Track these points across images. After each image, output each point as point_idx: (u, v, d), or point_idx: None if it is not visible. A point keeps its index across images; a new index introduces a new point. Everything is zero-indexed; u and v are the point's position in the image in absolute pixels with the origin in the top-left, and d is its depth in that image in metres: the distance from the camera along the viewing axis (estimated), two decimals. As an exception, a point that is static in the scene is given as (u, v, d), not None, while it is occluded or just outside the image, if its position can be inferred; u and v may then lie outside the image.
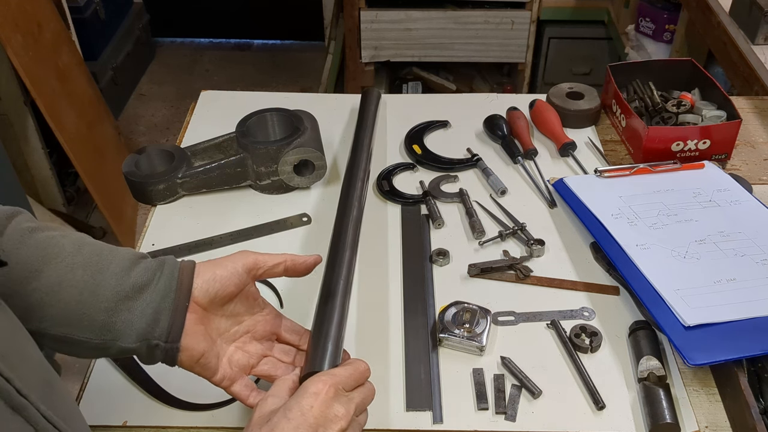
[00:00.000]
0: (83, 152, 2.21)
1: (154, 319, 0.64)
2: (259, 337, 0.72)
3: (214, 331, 0.69)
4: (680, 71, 1.25)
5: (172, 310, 0.64)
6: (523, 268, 0.95)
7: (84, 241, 0.67)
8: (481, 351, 0.84)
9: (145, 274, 0.65)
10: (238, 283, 0.68)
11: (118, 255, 0.66)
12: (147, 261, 0.67)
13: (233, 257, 0.70)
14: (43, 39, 2.13)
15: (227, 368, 0.69)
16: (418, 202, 1.07)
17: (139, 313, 0.63)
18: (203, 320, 0.67)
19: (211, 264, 0.69)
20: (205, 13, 3.55)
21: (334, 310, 0.73)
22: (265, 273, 0.71)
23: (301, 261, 0.72)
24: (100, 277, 0.63)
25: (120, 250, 0.68)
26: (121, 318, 0.63)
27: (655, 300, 0.84)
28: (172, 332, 0.64)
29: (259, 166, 1.06)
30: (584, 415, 0.78)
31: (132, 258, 0.67)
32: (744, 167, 1.15)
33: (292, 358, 0.73)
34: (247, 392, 0.69)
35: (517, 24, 2.52)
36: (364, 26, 2.52)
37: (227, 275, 0.68)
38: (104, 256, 0.65)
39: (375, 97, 1.25)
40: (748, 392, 0.74)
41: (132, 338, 0.63)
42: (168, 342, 0.64)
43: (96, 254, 0.65)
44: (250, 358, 0.71)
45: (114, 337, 0.63)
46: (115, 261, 0.65)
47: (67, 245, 0.65)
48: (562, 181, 1.06)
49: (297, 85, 3.32)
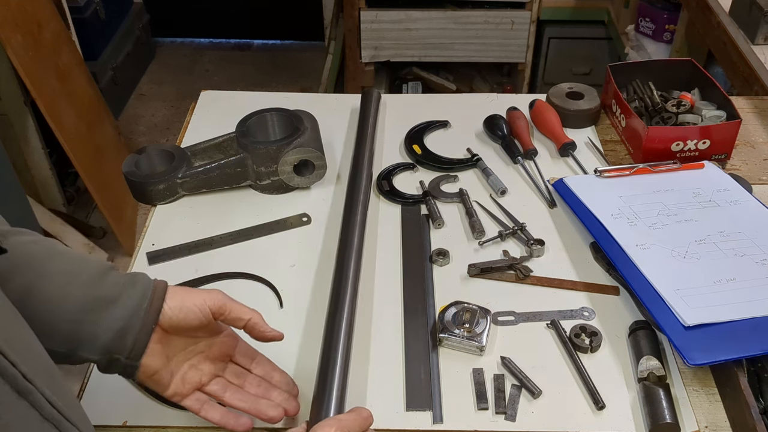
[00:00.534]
0: (83, 152, 2.21)
1: (120, 335, 0.64)
2: (213, 358, 0.73)
3: (171, 349, 0.70)
4: (680, 71, 1.25)
5: (139, 329, 0.65)
6: (523, 268, 0.95)
7: (54, 249, 0.67)
8: (481, 351, 0.84)
9: (115, 288, 0.66)
10: (202, 320, 0.69)
11: (88, 265, 0.66)
12: (117, 274, 0.68)
13: (205, 294, 0.70)
14: (43, 39, 2.13)
15: (179, 384, 0.70)
16: (418, 202, 1.07)
17: (105, 327, 0.64)
18: (162, 339, 0.68)
19: (181, 292, 0.70)
20: (205, 13, 3.55)
21: (337, 353, 0.78)
22: (228, 320, 0.72)
23: (262, 329, 0.72)
24: (68, 287, 0.64)
25: (90, 260, 0.68)
26: (86, 329, 0.63)
27: (655, 300, 0.84)
28: (136, 349, 0.65)
29: (259, 166, 1.06)
30: (584, 415, 0.78)
31: (101, 269, 0.67)
32: (744, 167, 1.15)
33: (242, 380, 0.74)
34: (198, 405, 0.71)
35: (517, 24, 2.52)
36: (364, 26, 2.52)
37: (193, 310, 0.68)
38: (74, 265, 0.66)
39: (375, 98, 1.25)
40: (748, 392, 0.74)
41: (95, 350, 0.64)
42: (129, 358, 0.65)
43: (66, 262, 0.66)
44: (203, 376, 0.72)
45: (76, 347, 0.64)
46: (84, 271, 0.65)
47: (37, 252, 0.65)
48: (562, 181, 1.06)
49: (297, 85, 3.32)
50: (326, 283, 0.94)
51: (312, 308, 0.91)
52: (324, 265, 0.97)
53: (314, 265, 0.97)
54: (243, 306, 0.72)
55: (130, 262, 0.98)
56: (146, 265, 0.97)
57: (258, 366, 0.76)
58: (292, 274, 0.96)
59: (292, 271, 0.96)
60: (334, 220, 1.04)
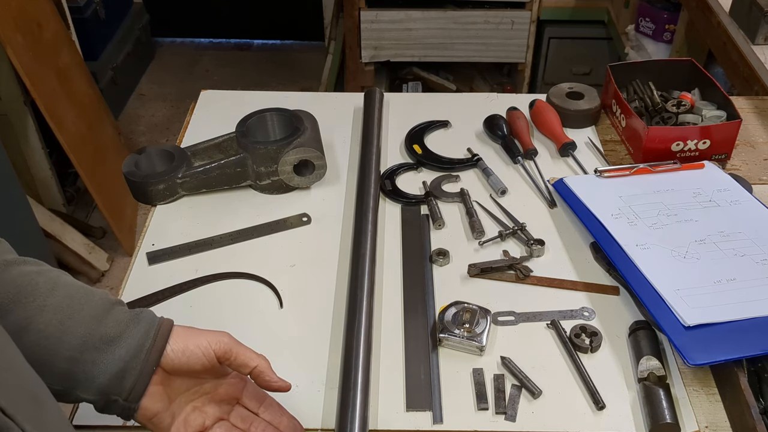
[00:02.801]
0: (83, 152, 2.21)
1: (119, 377, 0.62)
2: (218, 400, 0.70)
3: (174, 390, 0.67)
4: (680, 71, 1.25)
5: (139, 372, 0.63)
6: (523, 268, 0.95)
7: (59, 280, 0.64)
8: (481, 351, 0.84)
9: (117, 327, 0.63)
10: (205, 364, 0.66)
11: (91, 299, 0.64)
12: (121, 310, 0.65)
13: (210, 336, 0.67)
14: (43, 39, 2.13)
15: (181, 427, 0.67)
16: (420, 202, 1.07)
17: (103, 367, 0.62)
18: (164, 381, 0.66)
19: (186, 334, 0.67)
20: (205, 13, 3.55)
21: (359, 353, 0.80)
22: (233, 366, 0.69)
23: (268, 378, 0.68)
24: (69, 322, 0.61)
25: (95, 293, 0.65)
26: (83, 369, 0.61)
27: (655, 300, 0.84)
28: (134, 392, 0.63)
29: (259, 166, 1.06)
30: (584, 415, 0.78)
31: (105, 305, 0.64)
32: (744, 167, 1.15)
33: (248, 425, 0.70)
34: None
35: (517, 24, 2.52)
36: (364, 26, 2.52)
37: (197, 354, 0.66)
38: (77, 299, 0.63)
39: (378, 98, 1.25)
40: (748, 392, 0.74)
41: (92, 391, 0.62)
42: (127, 401, 0.63)
43: (69, 297, 0.63)
44: (206, 419, 0.69)
45: (73, 387, 0.62)
46: (87, 306, 0.63)
47: (42, 284, 0.63)
48: (562, 181, 1.06)
49: (297, 85, 3.32)
50: (326, 284, 0.94)
51: (312, 308, 0.91)
52: (324, 265, 0.97)
53: (314, 265, 0.97)
54: (250, 351, 0.69)
55: (130, 262, 0.98)
56: (146, 265, 0.97)
57: (266, 410, 0.72)
58: (292, 274, 0.96)
59: (292, 271, 0.96)
60: (334, 220, 1.05)
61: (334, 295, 0.92)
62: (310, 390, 0.80)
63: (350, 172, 1.14)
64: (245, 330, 0.87)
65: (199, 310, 0.91)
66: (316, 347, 0.85)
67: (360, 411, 0.74)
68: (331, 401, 0.78)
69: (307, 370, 0.82)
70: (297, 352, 0.85)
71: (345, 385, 0.77)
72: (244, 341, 0.86)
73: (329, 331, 0.87)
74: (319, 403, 0.79)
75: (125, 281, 0.95)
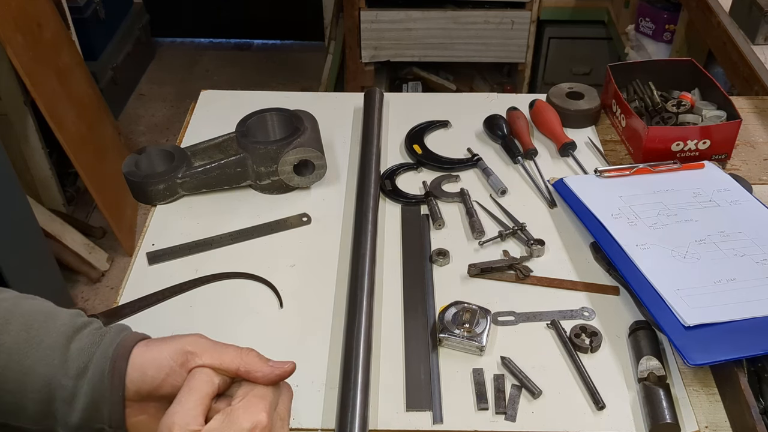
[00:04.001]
0: (83, 152, 2.21)
1: (95, 409, 0.57)
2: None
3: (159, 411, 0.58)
4: (680, 71, 1.25)
5: (109, 399, 0.57)
6: (523, 268, 0.95)
7: (14, 311, 0.58)
8: (481, 351, 0.84)
9: (82, 356, 0.57)
10: (173, 383, 0.58)
11: (51, 328, 0.58)
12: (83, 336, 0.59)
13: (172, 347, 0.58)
14: (43, 39, 2.13)
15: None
16: (420, 202, 1.07)
17: (76, 404, 0.57)
18: (142, 409, 0.59)
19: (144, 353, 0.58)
20: (205, 13, 3.55)
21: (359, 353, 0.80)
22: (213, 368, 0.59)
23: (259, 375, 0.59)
24: (27, 362, 0.56)
25: (58, 317, 0.59)
26: (57, 407, 0.56)
27: (655, 300, 0.84)
28: (114, 420, 0.57)
29: (259, 166, 1.06)
30: (584, 415, 0.78)
31: (68, 332, 0.58)
32: (744, 167, 1.15)
33: None
34: None
35: (517, 24, 2.52)
36: (364, 26, 2.52)
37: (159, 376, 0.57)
38: (34, 330, 0.57)
39: (378, 98, 1.25)
40: (748, 392, 0.74)
41: (72, 427, 0.57)
42: (113, 428, 0.58)
43: (25, 329, 0.57)
44: None
45: (54, 424, 0.57)
46: (47, 338, 0.57)
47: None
48: (562, 181, 1.06)
49: (297, 85, 3.32)
50: (326, 284, 0.94)
51: (312, 308, 0.91)
52: (324, 265, 0.97)
53: (314, 265, 0.97)
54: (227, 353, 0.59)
55: (130, 262, 0.98)
56: (146, 265, 0.97)
57: None
58: (292, 274, 0.96)
59: (292, 271, 0.96)
60: (334, 220, 1.05)
61: (334, 295, 0.92)
62: (310, 390, 0.80)
63: (350, 172, 1.14)
64: (245, 330, 0.88)
65: (199, 310, 0.91)
66: (316, 347, 0.85)
67: (360, 411, 0.74)
68: (331, 401, 0.78)
69: (307, 370, 0.82)
70: (297, 352, 0.85)
71: (345, 385, 0.77)
72: (244, 341, 0.86)
73: (329, 331, 0.88)
74: (319, 403, 0.79)
75: (125, 281, 0.95)
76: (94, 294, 2.28)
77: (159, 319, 0.89)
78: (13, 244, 1.80)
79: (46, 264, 2.00)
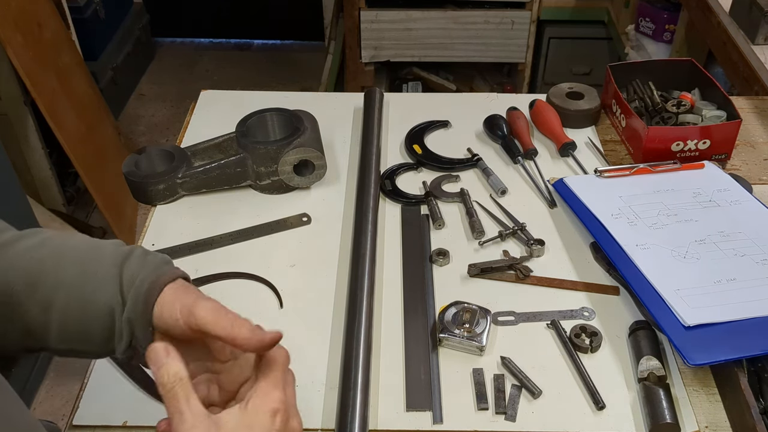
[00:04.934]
0: (83, 152, 2.21)
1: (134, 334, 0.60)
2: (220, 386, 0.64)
3: None
4: (680, 71, 1.25)
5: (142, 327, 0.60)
6: (523, 268, 0.95)
7: (64, 247, 0.63)
8: (481, 351, 0.84)
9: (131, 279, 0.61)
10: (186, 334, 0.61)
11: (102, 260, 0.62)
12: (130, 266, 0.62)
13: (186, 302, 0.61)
14: (43, 39, 2.13)
15: None
16: (420, 202, 1.07)
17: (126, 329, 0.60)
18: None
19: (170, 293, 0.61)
20: (205, 13, 3.55)
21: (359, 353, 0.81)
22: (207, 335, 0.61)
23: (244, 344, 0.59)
24: (87, 294, 0.60)
25: (104, 250, 0.63)
26: (116, 331, 0.60)
27: (655, 300, 0.84)
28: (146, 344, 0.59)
29: (259, 166, 1.06)
30: (584, 415, 0.78)
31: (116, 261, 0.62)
32: (744, 167, 1.15)
33: None
34: None
35: (517, 24, 2.52)
36: (364, 26, 2.52)
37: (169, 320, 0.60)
38: (87, 264, 0.61)
39: (378, 98, 1.25)
40: (748, 392, 0.74)
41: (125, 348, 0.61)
42: None
43: (79, 263, 0.61)
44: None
45: (114, 346, 0.61)
46: (100, 269, 0.61)
47: (47, 258, 0.61)
48: (562, 181, 1.06)
49: (297, 85, 3.32)
50: (326, 284, 0.94)
51: (312, 308, 0.91)
52: (324, 265, 0.97)
53: (314, 265, 0.97)
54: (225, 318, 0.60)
55: (130, 262, 0.98)
56: (146, 265, 0.97)
57: None
58: (292, 274, 0.96)
59: (292, 271, 0.96)
60: (334, 220, 1.05)
61: (334, 295, 0.92)
62: (310, 390, 0.80)
63: (350, 172, 1.14)
64: (245, 330, 0.88)
65: (199, 310, 0.90)
66: (316, 347, 0.85)
67: (360, 411, 0.74)
68: (331, 401, 0.78)
69: (307, 370, 0.82)
70: (297, 352, 0.85)
71: (345, 385, 0.77)
72: (244, 341, 0.86)
73: (329, 330, 0.88)
74: (319, 403, 0.79)
75: (125, 281, 0.95)
76: (94, 294, 2.28)
77: (159, 319, 0.89)
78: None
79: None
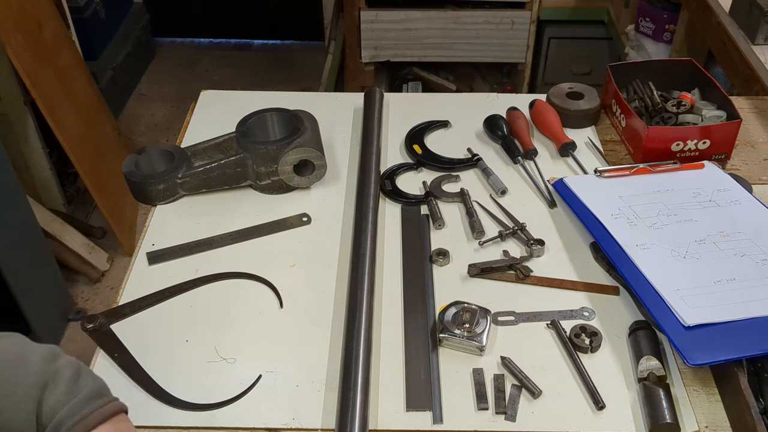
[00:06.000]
0: (83, 152, 2.21)
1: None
2: None
3: None
4: (680, 71, 1.25)
5: None
6: (523, 268, 0.95)
7: None
8: (481, 351, 0.84)
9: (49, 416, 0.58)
10: None
11: (23, 377, 0.59)
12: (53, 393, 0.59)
13: None
14: (43, 39, 2.13)
15: None
16: (420, 202, 1.07)
17: None
18: None
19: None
20: (205, 13, 3.55)
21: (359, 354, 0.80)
22: None
23: None
24: (1, 415, 0.57)
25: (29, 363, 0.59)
26: None
27: (655, 300, 0.84)
28: None
29: (259, 166, 1.06)
30: (584, 415, 0.78)
31: (39, 382, 0.59)
32: (744, 167, 1.15)
33: None
34: None
35: (517, 24, 2.52)
36: (364, 26, 2.52)
37: None
38: (5, 383, 0.58)
39: (378, 98, 1.25)
40: (748, 392, 0.74)
41: None
42: None
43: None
44: None
45: None
46: (19, 389, 0.58)
47: None
48: (562, 181, 1.06)
49: (297, 85, 3.32)
50: (326, 284, 0.94)
51: (312, 308, 0.91)
52: (324, 265, 0.97)
53: (314, 265, 0.97)
54: None
55: (130, 262, 0.98)
56: (146, 265, 0.97)
57: None
58: (292, 274, 0.96)
59: (292, 271, 0.96)
60: (334, 220, 1.05)
61: (334, 295, 0.92)
62: (310, 390, 0.80)
63: (350, 172, 1.14)
64: (245, 330, 0.88)
65: (199, 310, 0.91)
66: (316, 347, 0.85)
67: (360, 411, 0.74)
68: (331, 401, 0.78)
69: (307, 370, 0.82)
70: (297, 352, 0.85)
71: (345, 385, 0.77)
72: (244, 341, 0.87)
73: (329, 331, 0.88)
74: (319, 403, 0.79)
75: (125, 281, 0.95)
76: (94, 294, 2.28)
77: (159, 319, 0.89)
78: (13, 244, 1.80)
79: (46, 264, 2.00)
